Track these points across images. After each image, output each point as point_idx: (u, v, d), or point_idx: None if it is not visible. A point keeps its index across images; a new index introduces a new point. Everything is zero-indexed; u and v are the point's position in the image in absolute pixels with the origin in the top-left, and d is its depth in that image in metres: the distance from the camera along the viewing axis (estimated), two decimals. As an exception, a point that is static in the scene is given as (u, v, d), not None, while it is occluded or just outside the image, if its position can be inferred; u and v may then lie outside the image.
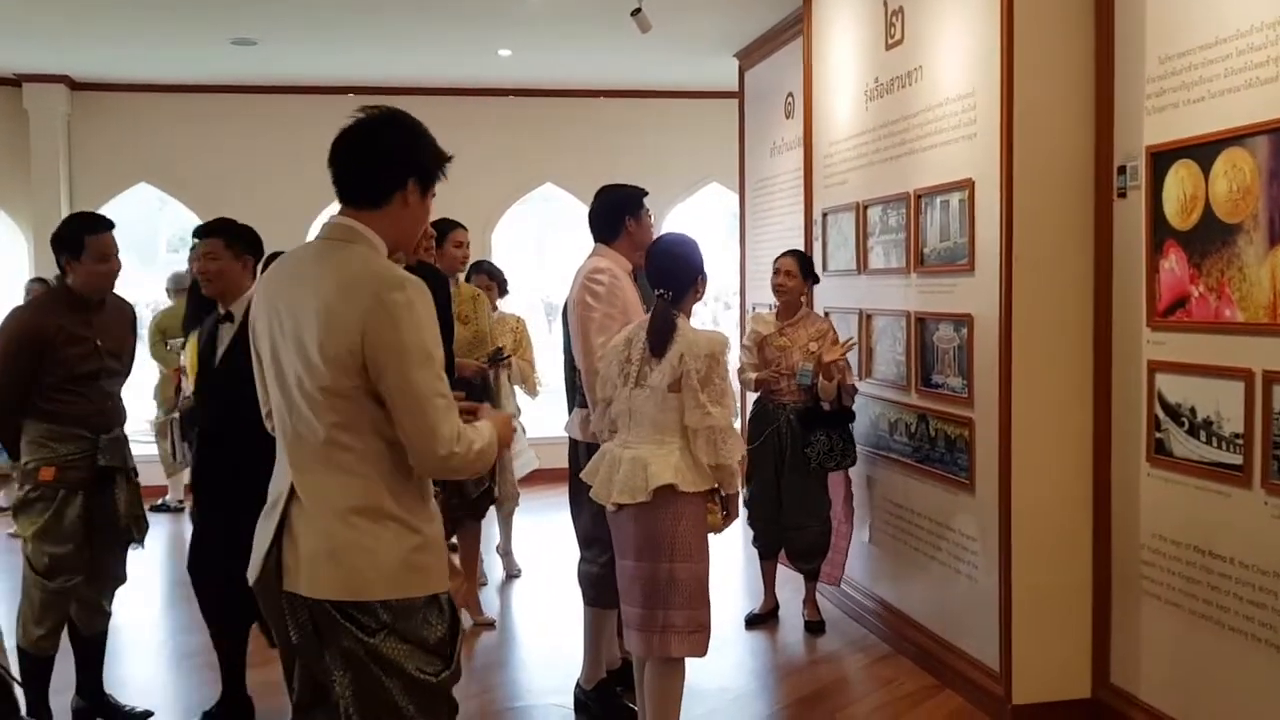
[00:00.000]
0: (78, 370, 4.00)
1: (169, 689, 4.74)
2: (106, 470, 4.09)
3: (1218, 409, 3.52)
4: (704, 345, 3.51)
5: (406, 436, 2.30)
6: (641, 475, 3.49)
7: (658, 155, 9.48)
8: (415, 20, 7.18)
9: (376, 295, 2.25)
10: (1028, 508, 4.18)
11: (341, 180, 2.41)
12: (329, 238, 2.41)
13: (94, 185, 9.24)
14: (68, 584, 4.01)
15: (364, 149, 2.39)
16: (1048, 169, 4.12)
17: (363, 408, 2.30)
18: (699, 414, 3.46)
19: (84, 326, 4.04)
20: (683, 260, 3.70)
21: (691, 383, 3.46)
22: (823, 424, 5.20)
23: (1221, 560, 3.55)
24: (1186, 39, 3.62)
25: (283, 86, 9.21)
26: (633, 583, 3.62)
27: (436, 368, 2.31)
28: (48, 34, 7.57)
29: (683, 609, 3.53)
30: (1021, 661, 4.20)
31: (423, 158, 2.44)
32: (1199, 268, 3.58)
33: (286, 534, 2.35)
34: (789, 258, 5.41)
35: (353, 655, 2.32)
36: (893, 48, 5.07)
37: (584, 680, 4.41)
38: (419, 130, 2.44)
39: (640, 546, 3.56)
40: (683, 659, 3.61)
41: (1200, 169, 3.55)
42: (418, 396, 2.27)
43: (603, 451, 3.71)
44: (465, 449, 2.33)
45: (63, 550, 3.98)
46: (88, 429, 4.04)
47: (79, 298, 4.05)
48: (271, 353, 2.40)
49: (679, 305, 3.64)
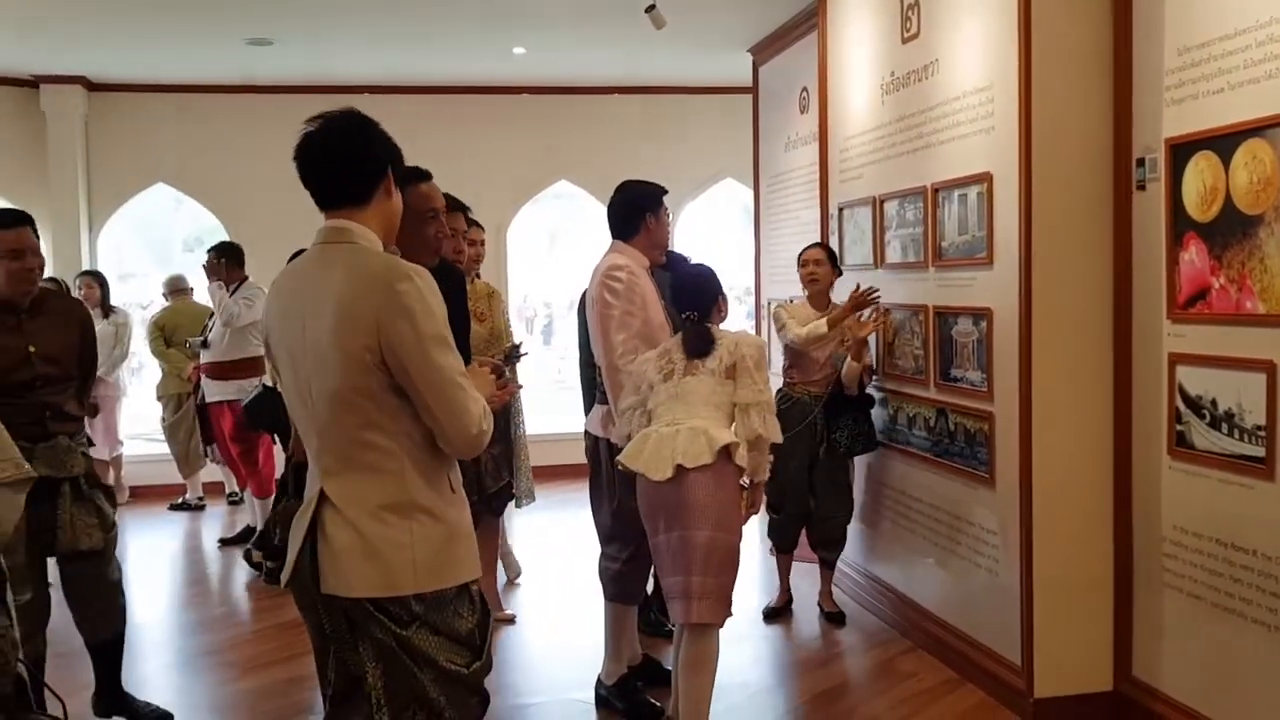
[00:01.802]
0: (7, 380, 3.79)
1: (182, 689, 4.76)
2: (47, 481, 3.79)
3: (1239, 401, 3.52)
4: (753, 338, 3.93)
5: (437, 422, 2.34)
6: (703, 440, 3.65)
7: (672, 151, 9.48)
8: (430, 19, 7.20)
9: (386, 290, 2.28)
10: (1048, 500, 4.17)
11: (325, 186, 2.45)
12: (327, 242, 2.44)
13: (111, 186, 9.29)
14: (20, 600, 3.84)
15: (340, 150, 2.43)
16: (1066, 162, 4.11)
17: (385, 404, 2.33)
18: (753, 391, 3.74)
19: (12, 333, 3.84)
20: (704, 283, 3.96)
21: (747, 365, 3.74)
22: (848, 410, 5.30)
23: (1244, 553, 3.54)
24: (1205, 30, 3.60)
25: (298, 86, 9.23)
26: (681, 550, 3.70)
27: (454, 351, 2.35)
28: (65, 35, 7.60)
29: (714, 575, 3.69)
30: (1043, 654, 4.19)
31: (391, 147, 2.50)
32: (1219, 259, 3.57)
33: (320, 536, 2.38)
34: (817, 249, 5.53)
35: (385, 647, 2.35)
36: (909, 41, 5.07)
37: (605, 676, 4.44)
38: (376, 124, 2.49)
39: (694, 511, 3.66)
40: (715, 630, 3.75)
41: (1220, 160, 3.54)
42: (442, 383, 2.31)
43: (644, 435, 3.78)
44: (490, 422, 2.42)
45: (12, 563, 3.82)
46: (24, 438, 3.70)
47: (3, 301, 3.84)
48: (290, 360, 2.43)
49: (707, 321, 3.89)
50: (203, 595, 6.31)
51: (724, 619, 3.76)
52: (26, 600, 3.85)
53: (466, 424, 2.34)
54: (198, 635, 5.51)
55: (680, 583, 3.71)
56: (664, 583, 3.83)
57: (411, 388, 2.32)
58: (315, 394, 2.36)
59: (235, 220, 9.27)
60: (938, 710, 4.42)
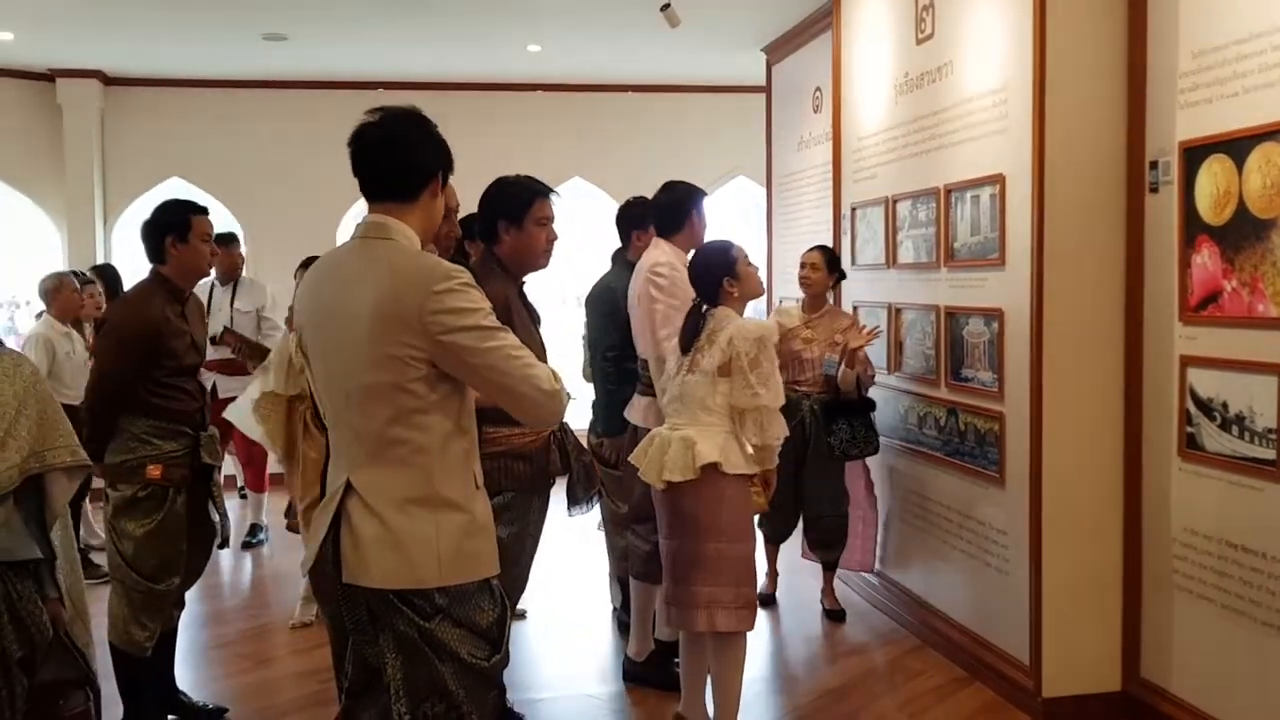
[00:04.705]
0: (184, 363, 3.94)
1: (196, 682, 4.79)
2: (205, 467, 4.02)
3: (1250, 404, 3.53)
4: (753, 330, 3.71)
5: (508, 400, 2.40)
6: (690, 454, 3.63)
7: (684, 150, 9.49)
8: (445, 15, 7.22)
9: (428, 293, 2.31)
10: (1058, 501, 4.18)
11: (375, 178, 2.47)
12: (366, 236, 2.46)
13: (127, 180, 9.32)
14: (170, 586, 3.92)
15: (397, 145, 2.45)
16: (1079, 164, 4.12)
17: (416, 401, 2.36)
18: (748, 395, 3.63)
19: (181, 319, 3.97)
20: (706, 265, 3.89)
21: (741, 364, 3.64)
22: (844, 413, 5.28)
23: (1254, 555, 3.56)
24: (1220, 33, 3.61)
25: (314, 81, 9.26)
26: (676, 560, 3.77)
27: (502, 330, 2.38)
28: (81, 29, 7.64)
29: (730, 586, 3.69)
30: (1052, 654, 4.21)
31: (445, 151, 2.53)
32: (1232, 263, 3.58)
33: (344, 526, 2.40)
34: (816, 252, 5.54)
35: (407, 639, 2.38)
36: (923, 42, 5.08)
37: (633, 653, 4.60)
38: (434, 126, 2.53)
39: (686, 525, 3.70)
40: (742, 634, 3.76)
41: (1234, 164, 3.55)
42: (500, 363, 2.35)
43: (652, 435, 3.85)
44: (560, 381, 2.45)
45: (173, 551, 3.90)
46: (190, 425, 3.96)
47: (176, 288, 3.98)
48: (321, 354, 2.46)
49: (714, 305, 3.83)
50: (215, 588, 6.34)
51: (748, 627, 3.76)
52: (176, 585, 3.96)
53: (537, 385, 2.38)
54: (211, 628, 5.54)
55: (678, 591, 3.74)
56: (667, 586, 3.87)
57: (474, 376, 2.37)
58: (346, 387, 2.39)
59: (249, 215, 9.30)
60: (946, 709, 4.44)
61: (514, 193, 3.57)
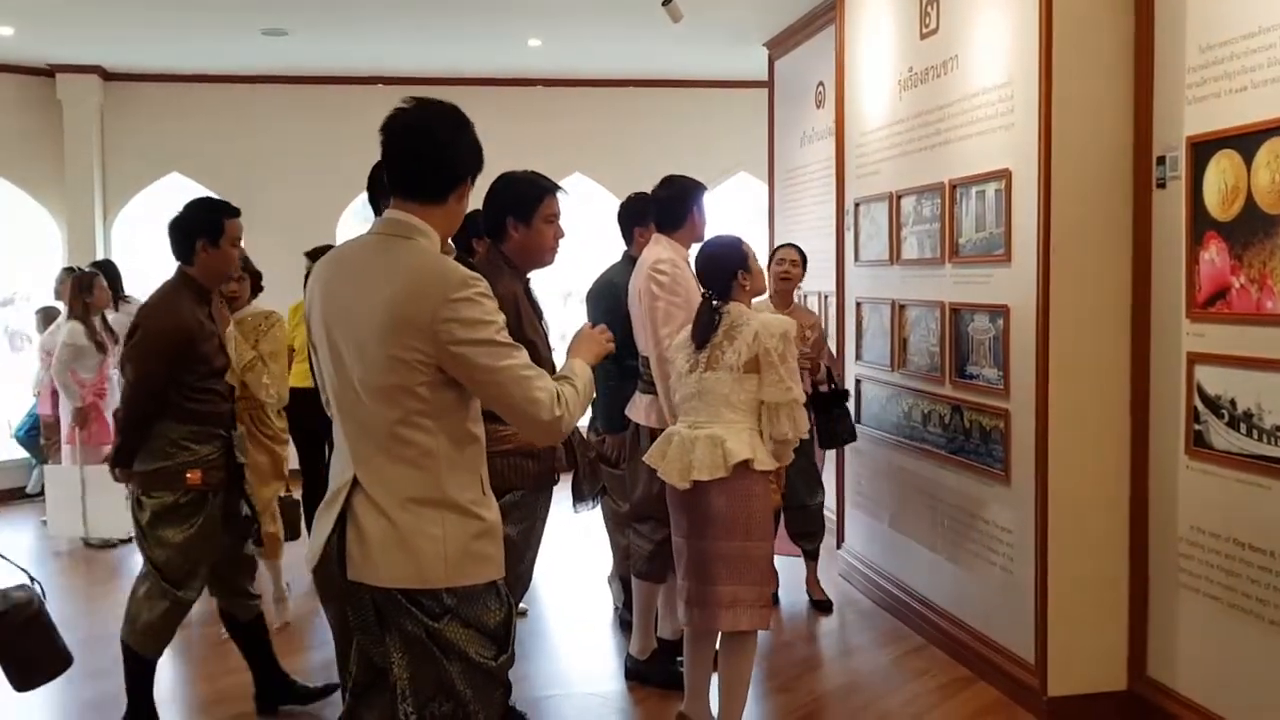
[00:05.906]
0: (215, 365, 3.91)
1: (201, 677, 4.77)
2: (238, 466, 3.99)
3: (1258, 401, 3.50)
4: (777, 325, 3.69)
5: (510, 418, 2.38)
6: (719, 452, 3.60)
7: (686, 145, 9.45)
8: (445, 10, 7.20)
9: (443, 299, 2.27)
10: (1064, 499, 4.16)
11: (405, 173, 2.41)
12: (386, 233, 2.41)
13: (126, 175, 9.31)
14: (192, 595, 3.89)
15: (434, 143, 2.39)
16: (1086, 159, 4.09)
17: (425, 404, 2.33)
18: (780, 389, 3.62)
19: (209, 320, 3.94)
20: (718, 259, 3.86)
21: (771, 359, 3.63)
22: (819, 406, 5.31)
23: (1261, 553, 3.53)
24: (1228, 28, 3.58)
25: (313, 77, 9.24)
26: (698, 560, 3.72)
27: (515, 347, 2.36)
28: (81, 25, 7.63)
29: (754, 584, 3.68)
30: (1057, 653, 4.18)
31: (479, 154, 2.48)
32: (1240, 259, 3.55)
33: (350, 523, 2.38)
34: (791, 249, 5.65)
35: (414, 639, 2.36)
36: (927, 37, 5.05)
37: (636, 651, 4.59)
38: (472, 127, 2.46)
39: (712, 524, 3.67)
40: (755, 632, 3.75)
41: (1243, 159, 3.52)
42: (507, 383, 2.32)
43: (668, 434, 3.81)
44: (565, 405, 2.41)
45: (207, 555, 3.88)
46: (223, 427, 3.93)
47: (203, 289, 3.95)
48: (330, 347, 2.42)
49: (726, 301, 3.79)
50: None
51: (767, 625, 3.75)
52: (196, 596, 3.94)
53: (538, 414, 2.35)
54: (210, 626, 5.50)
55: (716, 592, 3.69)
56: (681, 585, 3.83)
57: (478, 389, 2.35)
58: (355, 383, 2.36)
59: (249, 210, 9.15)
60: (951, 708, 4.42)
61: (523, 190, 3.52)
